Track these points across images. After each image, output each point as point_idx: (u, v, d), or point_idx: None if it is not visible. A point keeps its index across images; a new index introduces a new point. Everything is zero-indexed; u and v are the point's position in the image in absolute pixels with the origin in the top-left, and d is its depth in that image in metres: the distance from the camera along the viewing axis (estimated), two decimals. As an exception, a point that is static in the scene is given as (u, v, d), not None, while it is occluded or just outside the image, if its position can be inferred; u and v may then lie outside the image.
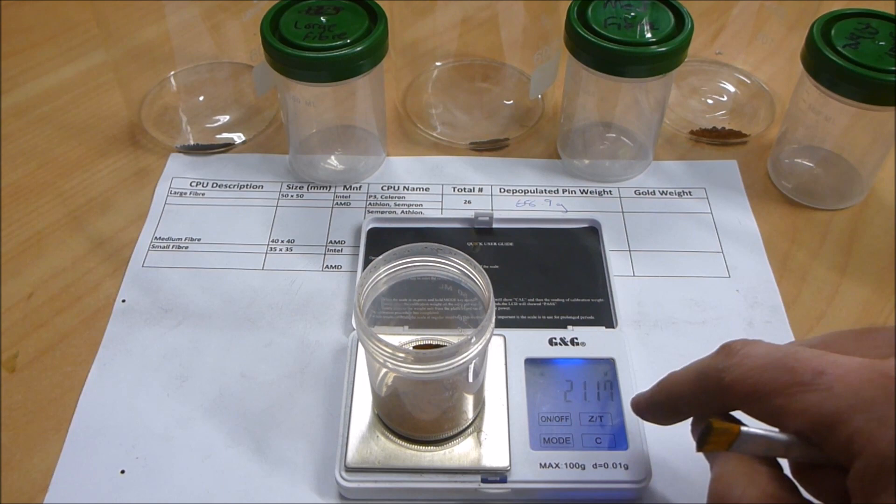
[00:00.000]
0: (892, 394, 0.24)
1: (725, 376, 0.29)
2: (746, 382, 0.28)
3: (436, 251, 0.36)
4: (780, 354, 0.28)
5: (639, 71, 0.47)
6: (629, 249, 0.49)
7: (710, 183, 0.53)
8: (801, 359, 0.27)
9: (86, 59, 0.63)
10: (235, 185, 0.53)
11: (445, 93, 0.60)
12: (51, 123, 0.58)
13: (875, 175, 0.52)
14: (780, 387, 0.27)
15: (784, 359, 0.27)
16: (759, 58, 0.59)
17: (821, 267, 0.48)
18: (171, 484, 0.38)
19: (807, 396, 0.26)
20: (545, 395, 0.40)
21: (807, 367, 0.27)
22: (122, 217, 0.51)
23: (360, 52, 0.46)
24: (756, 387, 0.28)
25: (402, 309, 0.41)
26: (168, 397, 0.42)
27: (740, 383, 0.28)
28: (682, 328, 0.45)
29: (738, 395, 0.29)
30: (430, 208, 0.52)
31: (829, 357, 0.27)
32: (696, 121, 0.57)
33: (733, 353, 0.29)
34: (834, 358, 0.27)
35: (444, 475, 0.37)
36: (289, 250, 0.49)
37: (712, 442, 0.29)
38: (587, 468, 0.37)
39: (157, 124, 0.57)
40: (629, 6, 0.48)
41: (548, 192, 0.53)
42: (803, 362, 0.27)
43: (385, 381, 0.37)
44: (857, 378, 0.26)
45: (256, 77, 0.54)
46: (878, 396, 0.25)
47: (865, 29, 0.47)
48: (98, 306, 0.46)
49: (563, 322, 0.44)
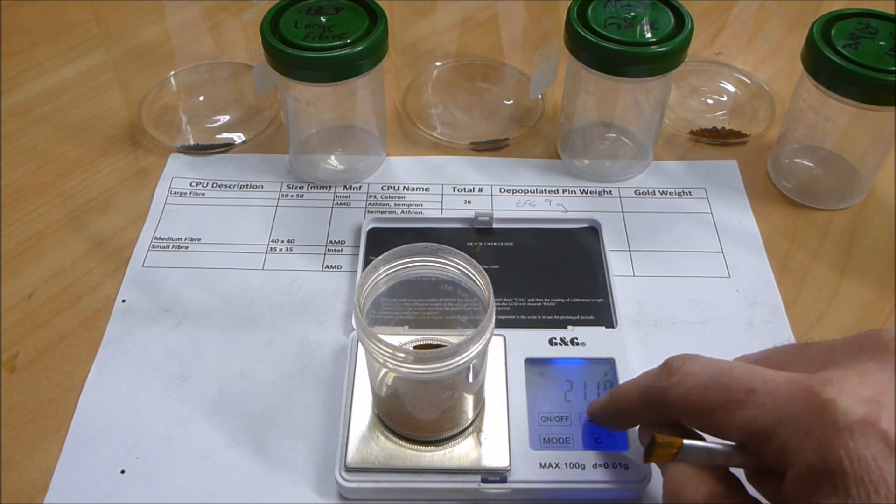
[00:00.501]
0: (814, 407, 0.26)
1: (667, 395, 0.31)
2: (687, 401, 0.30)
3: (436, 251, 0.36)
4: (716, 372, 0.30)
5: (639, 71, 0.47)
6: (629, 249, 0.49)
7: (710, 183, 0.53)
8: (735, 376, 0.29)
9: (86, 59, 0.63)
10: (235, 185, 0.53)
11: (445, 93, 0.60)
12: (51, 123, 0.58)
13: (875, 175, 0.52)
14: (716, 404, 0.29)
15: (720, 377, 0.30)
16: (759, 58, 0.59)
17: (821, 267, 0.48)
18: (171, 484, 0.38)
19: (741, 413, 0.29)
20: (545, 395, 0.40)
21: (740, 385, 0.29)
22: (122, 217, 0.51)
23: (360, 52, 0.46)
24: (695, 405, 0.30)
25: (402, 309, 0.41)
26: (168, 397, 0.42)
27: (681, 401, 0.31)
28: (682, 328, 0.45)
29: (679, 411, 0.31)
30: (430, 208, 0.52)
31: (761, 374, 0.29)
32: (696, 121, 0.57)
33: (673, 371, 0.31)
34: (765, 374, 0.29)
35: (444, 475, 0.37)
36: (289, 250, 0.49)
37: (657, 454, 0.31)
38: (587, 468, 0.37)
39: (157, 124, 0.57)
40: (629, 6, 0.48)
41: (548, 192, 0.53)
42: (737, 380, 0.29)
43: (385, 381, 0.37)
44: (785, 393, 0.28)
45: (256, 77, 0.54)
46: (803, 410, 0.27)
47: (865, 29, 0.47)
48: (98, 306, 0.46)
49: (563, 322, 0.44)
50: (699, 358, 0.31)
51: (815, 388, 0.27)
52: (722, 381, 0.29)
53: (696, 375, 0.30)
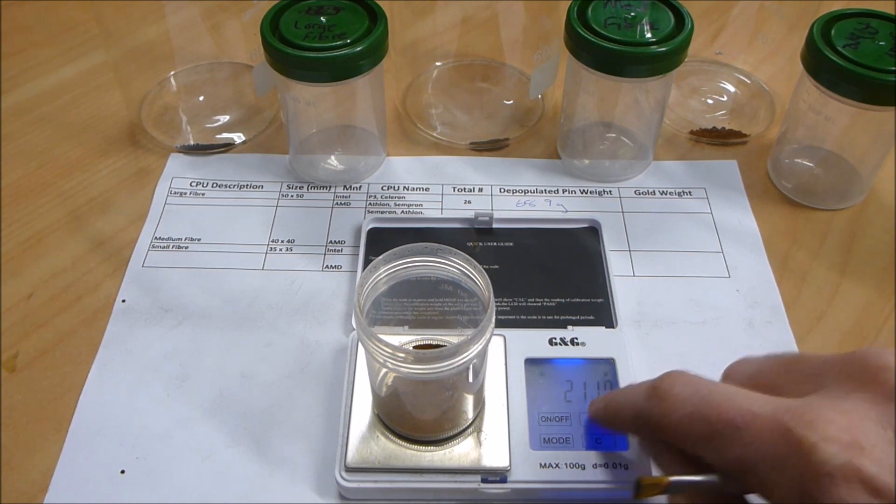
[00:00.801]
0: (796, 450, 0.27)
1: (656, 422, 0.32)
2: (674, 431, 0.31)
3: (436, 251, 0.36)
4: (700, 401, 0.31)
5: (639, 71, 0.47)
6: (629, 249, 0.49)
7: (710, 183, 0.53)
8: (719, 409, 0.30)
9: (86, 59, 0.63)
10: (235, 185, 0.53)
11: (445, 93, 0.60)
12: (51, 123, 0.58)
13: (875, 175, 0.52)
14: (701, 438, 0.30)
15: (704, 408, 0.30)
16: (759, 58, 0.59)
17: (821, 267, 0.48)
18: (171, 484, 0.38)
19: (724, 448, 0.29)
20: (545, 395, 0.40)
21: (723, 419, 0.29)
22: (122, 217, 0.51)
23: (360, 52, 0.46)
24: (682, 436, 0.31)
25: (402, 309, 0.41)
26: (168, 397, 0.42)
27: (669, 431, 0.32)
28: (682, 328, 0.45)
29: (668, 438, 0.32)
30: (430, 208, 0.52)
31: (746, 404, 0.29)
32: (696, 121, 0.57)
33: (662, 396, 0.32)
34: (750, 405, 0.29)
35: (444, 475, 0.37)
36: (289, 250, 0.49)
37: (644, 494, 0.32)
38: (587, 468, 0.37)
39: (157, 124, 0.57)
40: (629, 6, 0.48)
41: (548, 192, 0.53)
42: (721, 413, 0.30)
43: (385, 381, 0.37)
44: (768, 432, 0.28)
45: (256, 77, 0.54)
46: (785, 452, 0.27)
47: (865, 29, 0.47)
48: (98, 306, 0.46)
49: (563, 322, 0.44)
50: (687, 380, 0.32)
51: (797, 430, 0.27)
52: (705, 414, 0.30)
53: (682, 405, 0.31)
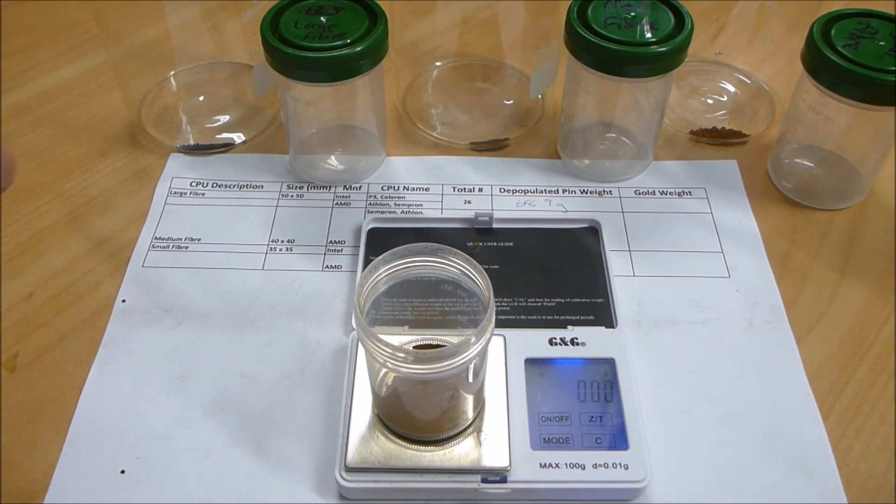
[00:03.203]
0: None
1: None
2: None
3: (436, 251, 0.36)
4: None
5: (639, 71, 0.47)
6: (629, 249, 0.49)
7: (710, 183, 0.53)
8: None
9: (86, 59, 0.63)
10: (235, 185, 0.53)
11: (445, 93, 0.60)
12: (51, 123, 0.58)
13: (875, 175, 0.52)
14: None
15: None
16: (759, 58, 0.59)
17: (821, 267, 0.48)
18: (171, 484, 0.38)
19: None
20: (545, 395, 0.40)
21: None
22: (122, 217, 0.51)
23: (360, 52, 0.46)
24: None
25: (402, 309, 0.41)
26: (168, 397, 0.42)
27: None
28: (682, 328, 0.45)
29: None
30: (430, 208, 0.52)
31: None
32: (696, 121, 0.57)
33: None
34: None
35: (444, 475, 0.37)
36: (289, 250, 0.49)
37: None
38: (587, 468, 0.37)
39: (157, 124, 0.57)
40: (629, 6, 0.48)
41: (548, 192, 0.53)
42: None
43: (385, 381, 0.37)
44: None
45: (256, 77, 0.54)
46: None
47: (865, 29, 0.47)
48: (98, 306, 0.46)
49: (563, 322, 0.44)
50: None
51: None
52: None
53: None
